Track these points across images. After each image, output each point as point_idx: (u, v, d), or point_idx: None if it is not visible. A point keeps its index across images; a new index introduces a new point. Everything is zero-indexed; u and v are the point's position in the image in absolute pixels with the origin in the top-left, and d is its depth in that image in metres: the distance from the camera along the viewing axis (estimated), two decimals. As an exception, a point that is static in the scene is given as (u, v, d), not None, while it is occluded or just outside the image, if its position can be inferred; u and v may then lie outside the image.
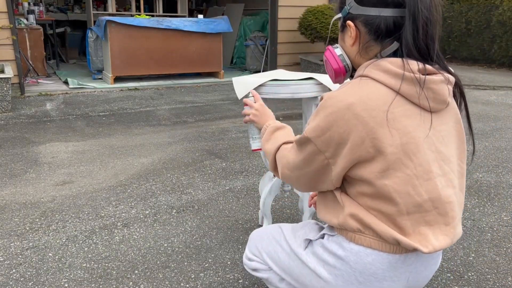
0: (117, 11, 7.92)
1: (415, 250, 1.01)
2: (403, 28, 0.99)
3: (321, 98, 1.04)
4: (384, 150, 0.96)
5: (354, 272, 1.08)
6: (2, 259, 1.84)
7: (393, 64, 0.99)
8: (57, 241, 1.99)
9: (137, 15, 6.32)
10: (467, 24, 8.63)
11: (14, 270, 1.76)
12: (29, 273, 1.74)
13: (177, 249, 1.94)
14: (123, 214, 2.25)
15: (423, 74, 0.97)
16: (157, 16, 7.60)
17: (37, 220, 2.18)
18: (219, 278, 1.73)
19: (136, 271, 1.77)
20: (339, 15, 1.09)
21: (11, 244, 1.95)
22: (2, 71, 4.48)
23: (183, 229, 2.12)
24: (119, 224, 2.15)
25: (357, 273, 1.08)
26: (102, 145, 3.37)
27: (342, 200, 1.07)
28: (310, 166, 1.06)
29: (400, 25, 0.99)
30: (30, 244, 1.96)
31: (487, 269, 1.81)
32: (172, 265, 1.81)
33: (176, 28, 5.80)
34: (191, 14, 9.07)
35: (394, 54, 1.02)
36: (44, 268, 1.78)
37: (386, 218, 1.02)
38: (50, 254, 1.88)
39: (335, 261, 1.10)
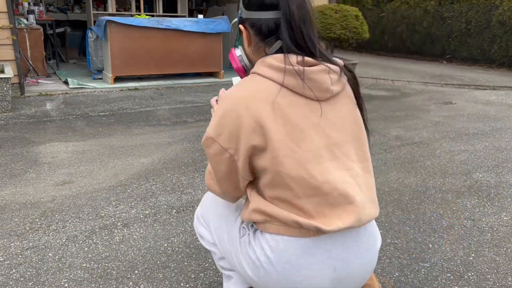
0: (117, 11, 7.91)
1: (321, 231, 1.05)
2: (280, 28, 1.09)
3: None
4: (271, 138, 1.04)
5: (271, 262, 1.12)
6: (2, 259, 1.84)
7: (276, 59, 1.08)
8: (57, 241, 1.98)
9: (137, 15, 6.31)
10: (467, 24, 8.62)
11: (14, 270, 1.76)
12: (29, 273, 1.74)
13: (177, 249, 1.94)
14: (123, 214, 2.25)
15: (302, 66, 1.06)
16: (157, 16, 7.60)
17: (37, 220, 2.18)
18: (219, 278, 1.73)
19: (136, 271, 1.77)
20: (236, 19, 1.22)
21: (11, 244, 1.95)
22: (2, 71, 4.48)
23: (183, 229, 2.12)
24: (119, 224, 2.15)
25: (274, 262, 1.12)
26: (102, 145, 3.36)
27: (250, 197, 1.14)
28: (220, 168, 1.12)
29: (279, 25, 1.09)
30: (30, 244, 1.96)
31: (487, 269, 1.81)
32: (172, 265, 1.81)
33: (176, 28, 5.80)
34: (191, 14, 9.07)
35: (281, 51, 1.10)
36: (44, 268, 1.78)
37: (287, 204, 1.08)
38: (50, 254, 1.88)
39: (255, 255, 1.15)
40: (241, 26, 1.17)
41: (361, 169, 1.13)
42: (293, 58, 1.07)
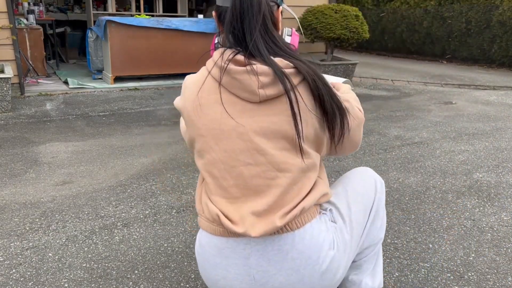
0: (117, 11, 7.91)
1: (232, 232, 1.04)
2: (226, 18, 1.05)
3: None
4: (197, 131, 1.06)
5: (198, 256, 1.16)
6: (2, 259, 1.84)
7: (219, 52, 1.06)
8: (57, 241, 1.98)
9: (137, 15, 6.31)
10: (467, 24, 8.62)
11: (14, 270, 1.76)
12: (29, 273, 1.74)
13: (177, 249, 1.94)
14: (123, 214, 2.25)
15: (229, 64, 1.02)
16: (157, 16, 7.60)
17: (37, 220, 2.18)
18: (219, 278, 1.73)
19: (136, 271, 1.77)
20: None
21: (11, 244, 1.95)
22: (2, 71, 4.48)
23: (183, 229, 2.12)
24: (119, 224, 2.15)
25: (199, 257, 1.14)
26: (102, 145, 3.36)
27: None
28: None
29: None
30: (30, 244, 1.96)
31: (487, 269, 1.81)
32: (172, 265, 1.81)
33: (176, 28, 5.80)
34: (191, 14, 9.06)
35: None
36: (44, 268, 1.78)
37: (204, 195, 1.11)
38: (50, 254, 1.88)
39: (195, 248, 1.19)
40: (213, 13, 1.15)
41: (287, 179, 1.04)
42: (228, 53, 1.04)
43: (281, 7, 1.13)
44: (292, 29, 1.22)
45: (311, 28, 5.91)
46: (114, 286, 1.68)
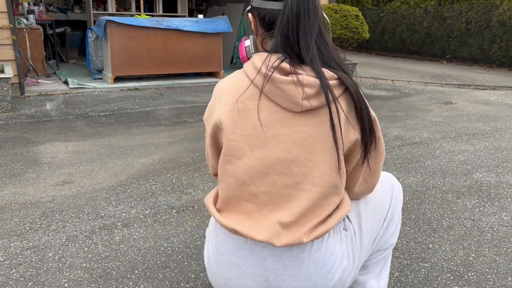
0: (117, 11, 7.92)
1: (266, 243, 1.03)
2: (277, 21, 1.00)
3: None
4: (228, 136, 1.03)
5: (211, 248, 1.15)
6: (2, 259, 1.84)
7: (261, 57, 1.02)
8: (57, 241, 1.98)
9: (137, 15, 6.31)
10: (467, 24, 8.62)
11: (14, 270, 1.76)
12: (29, 273, 1.74)
13: (177, 249, 1.94)
14: (123, 214, 2.25)
15: (273, 71, 0.98)
16: (157, 16, 7.60)
17: (37, 220, 2.18)
18: (219, 278, 1.73)
19: (136, 271, 1.77)
20: (249, 7, 1.14)
21: (11, 244, 1.95)
22: (2, 71, 4.48)
23: (183, 229, 2.12)
24: (119, 224, 2.15)
25: (213, 251, 1.14)
26: (102, 145, 3.36)
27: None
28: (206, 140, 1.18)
29: None
30: (30, 244, 1.96)
31: (487, 269, 1.81)
32: (172, 265, 1.81)
33: (176, 28, 5.80)
34: (191, 14, 9.07)
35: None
36: (44, 268, 1.78)
37: (224, 201, 1.09)
38: (50, 254, 1.88)
39: (208, 244, 1.19)
40: (250, 15, 1.11)
41: (318, 194, 1.02)
42: (274, 59, 1.00)
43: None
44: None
45: (311, 28, 5.91)
46: (114, 286, 1.68)
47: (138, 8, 7.86)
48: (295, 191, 1.02)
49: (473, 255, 1.92)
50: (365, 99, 1.04)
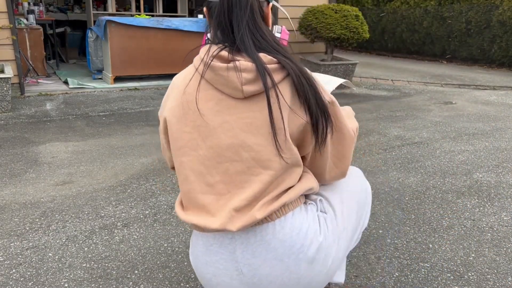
0: (117, 11, 7.92)
1: (223, 230, 1.03)
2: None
3: None
4: (181, 128, 1.06)
5: (191, 256, 1.17)
6: (2, 259, 1.84)
7: (205, 48, 1.06)
8: (57, 241, 1.98)
9: (137, 15, 6.31)
10: (467, 24, 8.62)
11: (14, 270, 1.76)
12: (29, 273, 1.74)
13: (177, 249, 1.94)
14: (123, 214, 2.25)
15: (213, 59, 1.02)
16: (157, 16, 7.60)
17: (37, 220, 2.18)
18: (219, 278, 1.73)
19: (136, 271, 1.77)
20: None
21: (11, 244, 1.95)
22: (2, 71, 4.48)
23: (183, 229, 2.12)
24: (119, 224, 2.15)
25: (192, 257, 1.16)
26: (102, 145, 3.37)
27: None
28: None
29: None
30: (30, 244, 1.96)
31: (487, 269, 1.81)
32: (172, 265, 1.81)
33: (176, 28, 5.80)
34: (191, 14, 9.07)
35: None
36: (44, 268, 1.78)
37: (185, 196, 1.09)
38: (50, 254, 1.88)
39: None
40: (204, 9, 1.14)
41: (269, 176, 1.03)
42: (214, 49, 1.04)
43: (271, 4, 1.13)
44: (282, 26, 1.24)
45: (311, 28, 5.91)
46: (114, 286, 1.68)
47: (138, 8, 7.86)
48: (247, 176, 1.03)
49: (473, 255, 1.92)
50: (313, 83, 1.04)
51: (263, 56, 1.01)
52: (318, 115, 1.03)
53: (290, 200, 1.07)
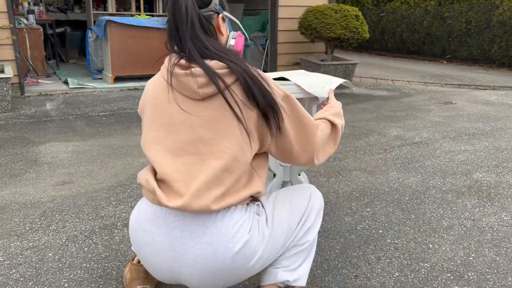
0: (117, 11, 7.92)
1: (183, 210, 1.15)
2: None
3: None
4: (150, 126, 1.25)
5: (131, 220, 1.30)
6: (2, 259, 1.84)
7: (169, 57, 1.24)
8: (57, 241, 1.98)
9: (137, 15, 6.31)
10: (467, 24, 8.63)
11: (14, 270, 1.76)
12: (29, 273, 1.74)
13: (177, 249, 1.94)
14: (123, 214, 2.25)
15: (174, 68, 1.19)
16: (157, 16, 7.60)
17: (37, 220, 2.18)
18: (219, 278, 1.72)
19: (136, 271, 1.77)
20: None
21: (11, 244, 1.95)
22: (2, 71, 4.48)
23: (183, 229, 2.11)
24: (119, 224, 2.15)
25: (133, 221, 1.28)
26: (102, 145, 3.37)
27: None
28: None
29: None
30: (30, 244, 1.96)
31: (487, 269, 1.81)
32: (172, 265, 1.81)
33: (176, 28, 5.79)
34: (191, 14, 9.06)
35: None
36: (44, 268, 1.78)
37: (158, 173, 1.22)
38: (50, 254, 1.88)
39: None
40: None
41: (220, 165, 1.17)
42: (174, 58, 1.21)
43: (221, 15, 1.28)
44: (237, 32, 1.37)
45: (311, 28, 5.91)
46: (114, 286, 1.68)
47: (138, 8, 7.86)
48: (201, 167, 1.18)
49: (473, 255, 1.92)
50: (258, 80, 1.18)
51: (215, 63, 1.17)
52: (267, 107, 1.18)
53: (241, 199, 1.21)
